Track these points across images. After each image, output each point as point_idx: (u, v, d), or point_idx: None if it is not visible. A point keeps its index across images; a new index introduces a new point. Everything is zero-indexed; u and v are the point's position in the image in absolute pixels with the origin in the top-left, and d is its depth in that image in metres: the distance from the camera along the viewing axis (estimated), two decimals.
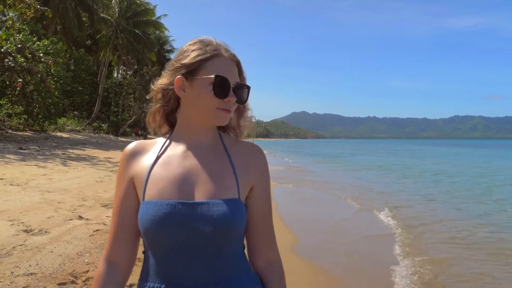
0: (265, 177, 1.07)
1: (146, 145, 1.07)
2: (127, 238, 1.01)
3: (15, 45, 15.62)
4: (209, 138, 1.06)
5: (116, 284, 1.01)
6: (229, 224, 0.93)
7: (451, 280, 4.40)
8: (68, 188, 7.36)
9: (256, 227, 1.05)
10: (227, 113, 0.99)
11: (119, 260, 1.02)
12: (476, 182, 15.27)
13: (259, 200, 1.05)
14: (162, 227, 0.91)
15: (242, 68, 1.06)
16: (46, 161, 11.27)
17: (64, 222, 4.97)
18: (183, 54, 1.02)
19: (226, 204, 0.94)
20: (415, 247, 5.61)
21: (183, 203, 0.93)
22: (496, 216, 8.39)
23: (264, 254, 1.06)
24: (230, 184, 0.99)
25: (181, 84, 1.01)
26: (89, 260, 3.73)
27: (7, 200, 5.87)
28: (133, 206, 1.01)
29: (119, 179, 1.04)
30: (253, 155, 1.06)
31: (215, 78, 0.97)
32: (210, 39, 1.03)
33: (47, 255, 3.74)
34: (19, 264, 3.44)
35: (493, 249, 5.72)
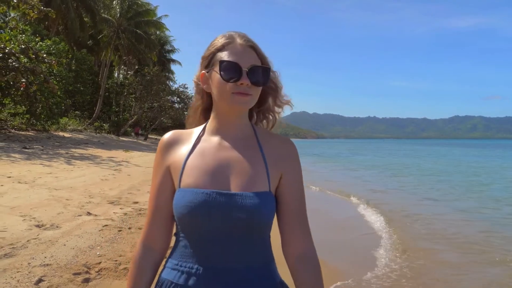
0: (295, 169, 1.08)
1: (182, 135, 1.11)
2: (163, 222, 1.07)
3: (18, 46, 15.80)
4: (242, 130, 1.09)
5: (153, 265, 1.08)
6: (259, 215, 0.97)
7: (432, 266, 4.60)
8: (74, 186, 7.55)
9: (288, 219, 1.06)
10: (243, 96, 1.00)
11: (155, 242, 1.08)
12: (468, 181, 15.67)
13: (290, 191, 1.06)
14: (197, 213, 0.96)
15: (262, 52, 1.07)
16: (50, 160, 11.45)
17: (73, 217, 5.16)
18: (205, 51, 1.09)
19: (257, 196, 0.98)
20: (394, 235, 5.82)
21: (218, 192, 0.98)
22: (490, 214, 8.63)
23: (297, 247, 1.06)
24: (261, 177, 1.02)
25: (205, 78, 1.07)
26: (101, 253, 3.92)
27: (17, 197, 6.06)
28: (169, 193, 1.06)
29: (156, 167, 1.10)
30: (284, 147, 1.09)
31: (220, 63, 1.00)
32: (227, 32, 1.07)
33: (60, 248, 3.93)
34: (35, 256, 3.62)
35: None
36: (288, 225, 1.06)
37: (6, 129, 19.14)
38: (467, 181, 15.70)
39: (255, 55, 1.04)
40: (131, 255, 3.92)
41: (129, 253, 3.99)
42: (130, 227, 4.99)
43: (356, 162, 29.10)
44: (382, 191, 12.08)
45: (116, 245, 4.23)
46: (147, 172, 10.89)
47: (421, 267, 4.74)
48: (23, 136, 18.08)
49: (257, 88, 1.02)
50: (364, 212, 8.13)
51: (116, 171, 10.52)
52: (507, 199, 10.68)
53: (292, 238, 1.06)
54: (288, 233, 1.06)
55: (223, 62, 0.99)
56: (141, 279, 1.06)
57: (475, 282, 4.45)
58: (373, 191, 11.88)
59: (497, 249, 5.74)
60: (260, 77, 1.02)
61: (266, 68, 1.03)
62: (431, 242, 6.05)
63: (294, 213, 1.06)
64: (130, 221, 5.31)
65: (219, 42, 1.04)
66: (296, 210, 1.07)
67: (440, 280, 4.40)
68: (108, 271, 3.48)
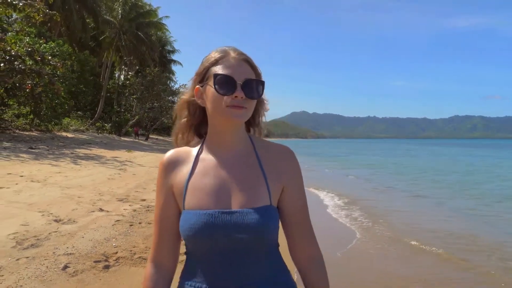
0: (296, 179, 1.10)
1: (181, 154, 1.12)
2: (170, 241, 1.11)
3: (23, 48, 16.20)
4: (241, 145, 1.10)
5: (165, 282, 1.11)
6: (263, 230, 1.00)
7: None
8: (84, 184, 7.94)
9: (293, 227, 1.10)
10: (238, 109, 1.00)
11: (164, 261, 1.12)
12: (458, 179, 16.36)
13: (292, 202, 1.09)
14: (202, 234, 0.99)
15: (255, 65, 1.08)
16: (57, 160, 11.85)
17: (87, 213, 5.56)
18: (199, 67, 1.10)
19: (259, 212, 1.00)
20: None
21: (220, 212, 1.00)
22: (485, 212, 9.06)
23: (305, 251, 1.11)
24: (262, 191, 1.04)
25: (199, 93, 1.07)
26: (116, 244, 4.31)
27: (33, 194, 6.45)
28: (173, 213, 1.09)
29: (159, 188, 1.12)
30: (283, 158, 1.11)
31: (214, 76, 1.01)
32: (222, 47, 1.08)
33: (79, 240, 4.33)
34: (58, 247, 4.02)
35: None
36: (293, 234, 1.10)
37: (11, 129, 19.54)
38: (456, 180, 16.42)
39: (249, 68, 1.05)
40: (144, 246, 4.34)
41: (142, 245, 4.39)
42: (140, 222, 5.39)
43: (351, 161, 29.58)
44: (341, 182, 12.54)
45: (129, 237, 4.63)
46: (151, 171, 11.29)
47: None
48: (28, 137, 18.47)
49: (252, 101, 1.03)
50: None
51: (122, 171, 10.91)
52: (489, 196, 11.13)
53: (298, 244, 1.11)
54: (294, 240, 1.11)
55: (217, 76, 1.00)
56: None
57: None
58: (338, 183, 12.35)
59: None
60: (255, 90, 1.03)
61: (260, 81, 1.05)
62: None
63: (298, 222, 1.10)
64: (140, 216, 5.71)
65: (212, 57, 1.05)
66: (300, 219, 1.10)
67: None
68: (125, 259, 3.88)
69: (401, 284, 4.28)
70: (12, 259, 3.55)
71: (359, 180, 15.95)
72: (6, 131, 18.38)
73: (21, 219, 4.87)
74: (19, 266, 3.42)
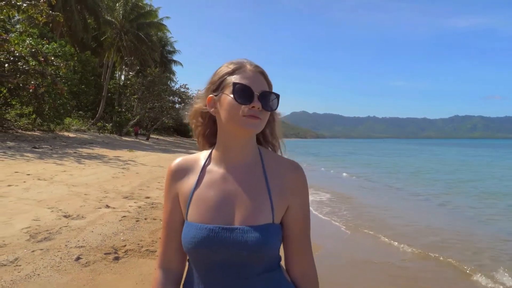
0: (302, 197, 1.10)
1: (189, 163, 1.14)
2: (177, 247, 1.12)
3: (26, 48, 16.42)
4: (249, 157, 1.10)
5: (173, 285, 1.14)
6: (262, 249, 1.00)
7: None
8: (89, 182, 8.16)
9: (293, 241, 1.10)
10: (254, 119, 1.02)
11: (172, 266, 1.14)
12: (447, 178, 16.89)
13: (295, 219, 1.09)
14: (201, 248, 1.01)
15: (269, 79, 1.10)
16: (61, 159, 12.06)
17: (95, 210, 5.77)
18: (212, 77, 1.11)
19: (260, 230, 1.00)
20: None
21: (221, 227, 1.01)
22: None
23: (299, 266, 1.11)
24: (265, 208, 1.04)
25: (212, 102, 1.08)
26: (124, 238, 4.53)
27: (41, 192, 6.67)
28: (180, 219, 1.11)
29: (166, 194, 1.14)
30: (290, 175, 1.09)
31: (233, 85, 1.02)
32: (237, 59, 1.11)
33: (88, 234, 4.54)
34: (69, 240, 4.24)
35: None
36: (291, 250, 1.11)
37: (13, 129, 19.76)
38: (446, 178, 16.95)
39: (265, 81, 1.07)
40: (150, 240, 4.56)
41: (148, 239, 4.61)
42: (146, 218, 5.60)
43: (347, 160, 29.84)
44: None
45: (136, 232, 4.85)
46: (154, 171, 11.51)
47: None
48: (30, 136, 18.68)
49: (266, 113, 1.05)
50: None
51: (125, 170, 11.12)
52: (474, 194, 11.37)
53: (295, 261, 1.11)
54: (291, 256, 1.11)
55: (236, 84, 1.02)
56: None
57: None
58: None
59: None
60: (271, 103, 1.05)
61: (276, 94, 1.07)
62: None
63: (299, 240, 1.10)
64: (145, 213, 5.92)
65: (229, 68, 1.07)
66: (301, 235, 1.10)
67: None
68: (133, 251, 4.10)
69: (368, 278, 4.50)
70: (28, 251, 3.77)
71: (351, 177, 16.76)
72: (9, 131, 18.60)
73: (32, 215, 5.08)
74: (35, 257, 3.64)
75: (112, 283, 3.30)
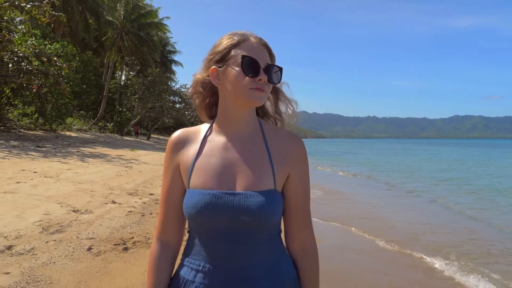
0: (302, 166, 1.10)
1: (189, 134, 1.13)
2: (175, 219, 1.12)
3: (29, 49, 16.65)
4: (249, 128, 1.11)
5: (170, 259, 1.13)
6: (265, 214, 1.00)
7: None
8: (94, 180, 8.39)
9: (293, 214, 1.10)
10: (260, 92, 1.02)
11: (170, 239, 1.13)
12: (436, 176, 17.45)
13: (296, 189, 1.09)
14: (204, 213, 1.00)
15: (272, 51, 1.10)
16: (65, 157, 12.30)
17: (101, 205, 6.01)
18: (214, 47, 1.09)
19: (263, 195, 1.01)
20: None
21: (224, 193, 1.01)
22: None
23: (299, 240, 1.11)
24: (267, 175, 1.04)
25: (216, 73, 1.07)
26: (131, 231, 4.77)
27: (48, 188, 6.90)
28: (180, 191, 1.10)
29: (166, 166, 1.13)
30: (291, 144, 1.10)
31: (242, 58, 1.02)
32: (239, 31, 1.09)
33: (98, 227, 4.78)
34: (80, 232, 4.47)
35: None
36: (293, 222, 1.10)
37: (16, 128, 20.00)
38: (436, 176, 17.48)
39: (267, 54, 1.08)
40: None
41: (154, 232, 4.84)
42: (151, 212, 5.84)
43: (343, 160, 30.12)
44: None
45: (142, 225, 5.09)
46: (156, 169, 11.74)
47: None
48: (33, 136, 18.91)
49: (270, 86, 1.06)
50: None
51: (128, 168, 11.36)
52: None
53: (296, 233, 1.11)
54: (293, 229, 1.11)
55: (245, 57, 1.02)
56: (161, 273, 1.11)
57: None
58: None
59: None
60: (276, 76, 1.06)
61: (279, 68, 1.07)
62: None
63: (299, 211, 1.10)
64: (150, 208, 6.16)
65: (233, 39, 1.06)
66: (301, 208, 1.10)
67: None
68: (141, 243, 4.33)
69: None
70: (42, 242, 4.00)
71: (345, 175, 17.47)
72: (11, 130, 18.84)
73: (42, 209, 5.32)
74: (49, 247, 3.88)
75: (123, 270, 3.54)
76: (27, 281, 3.07)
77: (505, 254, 5.44)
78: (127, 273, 3.48)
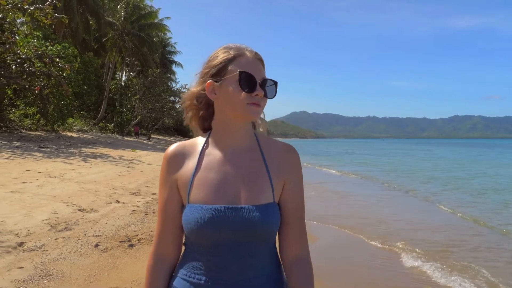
0: (297, 177, 1.13)
1: (186, 148, 1.13)
2: (173, 234, 1.11)
3: (31, 50, 16.84)
4: (246, 141, 1.12)
5: (166, 274, 1.12)
6: (267, 227, 1.02)
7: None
8: (97, 180, 8.58)
9: (288, 224, 1.11)
10: (257, 107, 1.05)
11: (166, 253, 1.12)
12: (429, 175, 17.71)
13: (291, 199, 1.11)
14: (206, 228, 1.00)
15: (264, 65, 1.12)
16: (68, 158, 12.49)
17: (106, 204, 6.20)
18: (210, 60, 1.10)
19: (264, 208, 1.03)
20: None
21: (226, 207, 1.01)
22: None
23: (293, 250, 1.12)
24: (266, 188, 1.06)
25: (212, 87, 1.08)
26: (136, 229, 4.96)
27: (54, 188, 7.09)
28: (177, 206, 1.10)
29: (162, 181, 1.12)
30: (286, 156, 1.13)
31: (240, 73, 1.03)
32: (234, 44, 1.11)
33: (103, 225, 4.97)
34: (87, 230, 4.67)
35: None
36: (287, 231, 1.11)
37: (18, 129, 20.20)
38: (427, 175, 17.99)
39: (262, 68, 1.10)
40: None
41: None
42: (154, 211, 6.03)
43: (340, 159, 30.36)
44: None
45: (146, 224, 5.28)
46: (157, 169, 11.92)
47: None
48: (35, 136, 19.11)
49: (266, 100, 1.08)
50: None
51: (130, 168, 11.56)
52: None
53: (290, 242, 1.11)
54: (287, 238, 1.11)
55: (243, 73, 1.03)
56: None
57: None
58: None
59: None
60: (272, 91, 1.09)
61: (275, 82, 1.10)
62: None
63: (294, 220, 1.11)
64: (153, 207, 6.35)
65: (229, 54, 1.07)
66: (296, 216, 1.11)
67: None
68: (146, 240, 4.53)
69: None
70: (51, 239, 4.20)
71: (337, 173, 18.22)
72: (13, 131, 19.04)
73: (49, 208, 5.51)
74: (59, 243, 4.07)
75: (129, 265, 3.74)
76: (40, 274, 3.27)
77: (499, 251, 5.65)
78: (133, 268, 3.68)
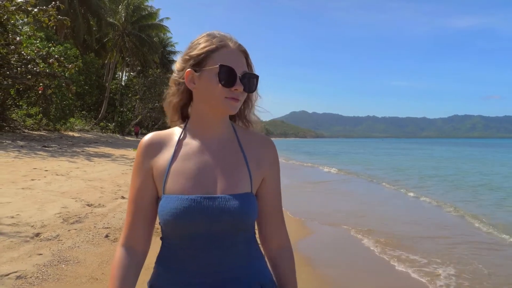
0: (275, 168, 1.13)
1: (162, 137, 1.10)
2: (144, 225, 1.08)
3: (34, 51, 17.18)
4: (224, 131, 1.10)
5: (136, 267, 1.07)
6: (243, 217, 1.01)
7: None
8: (102, 177, 8.92)
9: (267, 216, 1.13)
10: (235, 102, 1.02)
11: (136, 245, 1.08)
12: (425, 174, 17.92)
13: (270, 191, 1.12)
14: (183, 219, 0.98)
15: (250, 58, 1.08)
16: (72, 157, 12.83)
17: (112, 200, 6.54)
18: (192, 47, 1.06)
19: (241, 198, 1.02)
20: None
21: (202, 197, 1.00)
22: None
23: (275, 240, 1.14)
24: (243, 178, 1.05)
25: (191, 77, 1.05)
26: None
27: (61, 185, 7.43)
28: (150, 195, 1.07)
29: (136, 170, 1.08)
30: (264, 148, 1.12)
31: (220, 67, 1.00)
32: (217, 32, 1.07)
33: (111, 218, 5.32)
34: (96, 223, 5.01)
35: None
36: (266, 223, 1.13)
37: (20, 129, 20.53)
38: (421, 173, 18.17)
39: (245, 61, 1.07)
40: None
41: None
42: None
43: (337, 158, 30.75)
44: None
45: None
46: None
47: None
48: (37, 136, 19.45)
49: (245, 94, 1.06)
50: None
51: (132, 167, 11.85)
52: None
53: (270, 233, 1.14)
54: (267, 229, 1.14)
55: (223, 67, 1.00)
56: (126, 279, 1.03)
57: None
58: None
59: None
60: (252, 85, 1.06)
61: (256, 76, 1.07)
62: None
63: (273, 211, 1.13)
64: None
65: (212, 43, 1.04)
66: (274, 208, 1.14)
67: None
68: None
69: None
70: (65, 230, 4.54)
71: (330, 171, 18.71)
72: (16, 131, 19.38)
73: (60, 204, 5.85)
74: (72, 234, 4.41)
75: None
76: (58, 260, 3.61)
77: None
78: None
